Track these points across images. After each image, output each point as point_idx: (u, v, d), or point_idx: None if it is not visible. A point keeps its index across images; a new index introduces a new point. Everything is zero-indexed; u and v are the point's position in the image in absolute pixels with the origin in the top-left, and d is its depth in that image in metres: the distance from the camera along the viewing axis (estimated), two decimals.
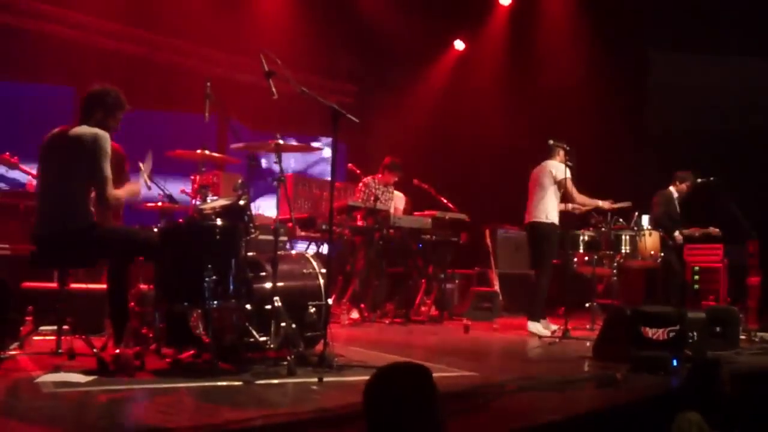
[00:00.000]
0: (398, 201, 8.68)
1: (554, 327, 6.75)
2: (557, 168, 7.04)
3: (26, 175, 6.10)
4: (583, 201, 7.15)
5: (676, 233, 7.82)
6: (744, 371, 4.74)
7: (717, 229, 8.10)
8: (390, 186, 8.32)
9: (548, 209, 7.03)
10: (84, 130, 4.32)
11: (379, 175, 8.28)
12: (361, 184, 8.17)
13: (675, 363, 4.54)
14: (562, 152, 7.11)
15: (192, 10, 9.24)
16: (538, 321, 6.89)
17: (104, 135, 4.30)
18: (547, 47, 10.82)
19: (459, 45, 11.76)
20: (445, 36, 11.59)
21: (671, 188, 8.11)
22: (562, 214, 7.14)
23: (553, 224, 7.05)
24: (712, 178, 7.89)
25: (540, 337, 6.58)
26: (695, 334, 5.07)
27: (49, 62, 8.86)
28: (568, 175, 6.94)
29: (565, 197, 7.04)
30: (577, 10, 10.59)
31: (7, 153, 5.90)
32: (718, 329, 5.64)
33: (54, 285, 4.96)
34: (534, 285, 7.18)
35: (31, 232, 4.40)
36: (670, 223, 7.85)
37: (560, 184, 7.00)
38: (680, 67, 10.59)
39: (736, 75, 10.18)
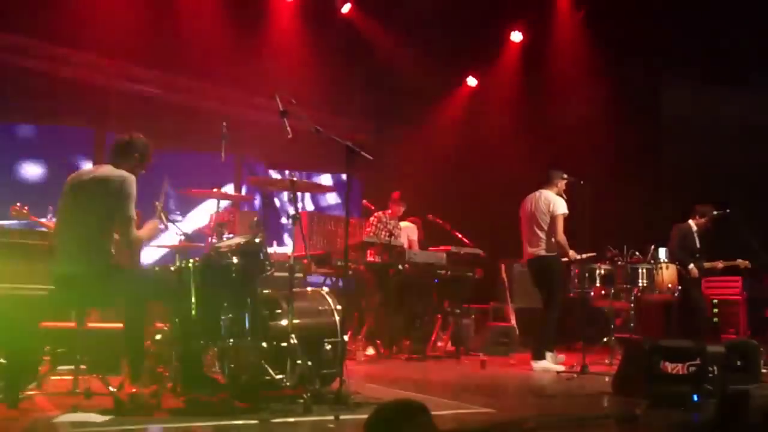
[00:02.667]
0: (410, 232, 8.68)
1: (561, 357, 6.67)
2: (555, 202, 6.95)
3: (39, 225, 6.12)
4: (563, 243, 6.93)
5: (691, 266, 7.76)
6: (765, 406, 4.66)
7: (746, 261, 8.03)
8: (396, 219, 8.34)
9: (550, 242, 6.93)
10: (112, 171, 4.41)
11: (389, 211, 8.29)
12: (373, 218, 8.19)
13: (696, 398, 4.47)
14: (561, 182, 7.08)
15: (208, 51, 9.41)
16: (543, 358, 6.78)
17: (131, 178, 4.40)
18: (559, 82, 10.88)
19: (471, 81, 11.86)
20: (457, 72, 11.69)
21: (690, 221, 8.07)
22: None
23: (557, 257, 6.96)
24: (728, 210, 7.86)
25: (558, 372, 6.51)
26: (715, 368, 5.01)
27: (68, 104, 9.01)
28: (566, 211, 6.90)
29: (551, 231, 6.90)
30: (589, 44, 10.66)
31: (18, 204, 5.95)
32: (738, 363, 5.56)
33: (71, 324, 4.99)
34: (546, 321, 6.99)
35: (51, 270, 4.45)
36: (685, 255, 7.80)
37: (552, 218, 6.90)
38: (695, 100, 10.61)
39: (756, 106, 10.18)
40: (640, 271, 7.00)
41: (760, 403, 3.86)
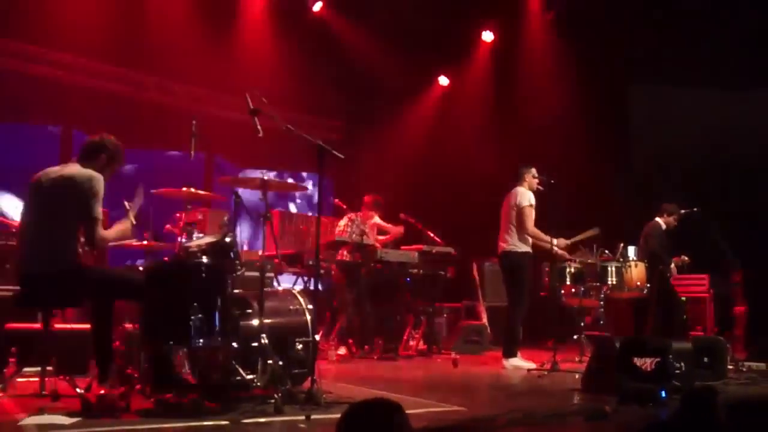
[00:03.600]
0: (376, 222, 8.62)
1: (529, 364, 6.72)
2: (522, 195, 7.04)
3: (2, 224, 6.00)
4: (536, 234, 6.97)
5: (672, 265, 7.88)
6: (732, 402, 4.73)
7: (686, 258, 8.15)
8: (367, 223, 8.30)
9: (521, 238, 7.01)
10: (79, 170, 4.36)
11: (360, 213, 8.26)
12: (346, 219, 8.18)
13: (663, 394, 4.53)
14: (530, 178, 7.15)
15: (178, 49, 9.30)
16: (514, 356, 6.83)
17: (98, 177, 4.36)
18: (530, 81, 10.95)
19: (443, 80, 11.89)
20: (429, 71, 11.72)
21: (659, 219, 8.16)
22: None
23: (526, 253, 7.03)
24: (695, 209, 7.97)
25: (528, 370, 6.56)
26: (682, 364, 5.07)
27: (35, 102, 8.87)
28: (532, 202, 6.97)
29: (519, 224, 6.97)
30: (559, 44, 10.75)
31: None
32: (705, 359, 5.65)
33: (38, 326, 4.91)
34: (509, 317, 7.03)
35: (16, 272, 4.38)
36: (665, 254, 7.89)
37: (518, 210, 6.97)
38: (661, 101, 10.74)
39: (721, 107, 10.34)
40: (609, 269, 7.07)
41: (724, 399, 3.91)
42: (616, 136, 10.58)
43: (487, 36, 11.35)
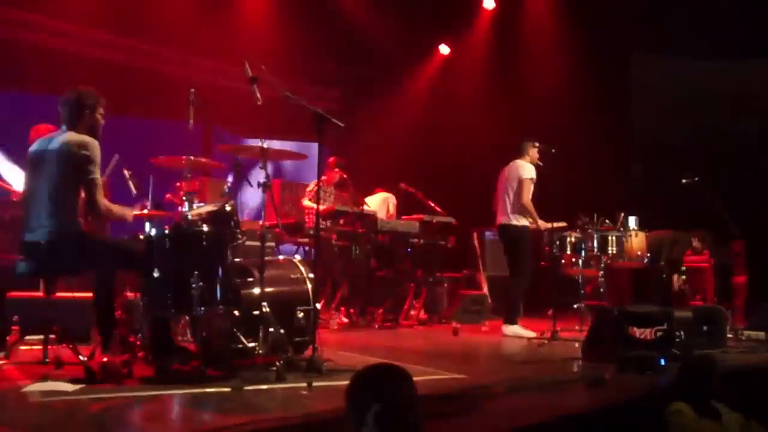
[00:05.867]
0: (390, 201, 8.60)
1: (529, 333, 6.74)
2: (524, 167, 7.05)
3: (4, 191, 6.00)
4: (529, 207, 6.98)
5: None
6: (731, 369, 4.77)
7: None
8: (332, 186, 8.23)
9: (520, 211, 7.02)
10: (73, 137, 4.34)
11: (324, 177, 8.12)
12: (312, 185, 8.04)
13: (663, 362, 4.56)
14: (533, 150, 7.13)
15: (175, 17, 9.20)
16: (515, 323, 6.87)
17: (94, 143, 4.34)
18: (531, 50, 10.87)
19: (444, 49, 11.79)
20: (429, 40, 11.61)
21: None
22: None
23: (525, 227, 7.05)
24: (696, 179, 7.94)
25: (528, 338, 6.59)
26: (682, 333, 5.10)
27: (31, 71, 8.79)
28: (533, 176, 6.96)
29: (517, 196, 6.98)
30: (561, 13, 10.64)
31: None
32: (705, 328, 5.67)
33: (40, 294, 4.92)
34: (511, 288, 7.10)
35: (19, 240, 4.38)
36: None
37: (519, 182, 6.98)
38: (664, 70, 10.67)
39: (722, 77, 10.28)
40: (609, 238, 7.06)
41: (721, 368, 3.95)
42: (617, 104, 10.53)
43: (489, 3, 11.21)
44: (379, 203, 8.48)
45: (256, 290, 4.46)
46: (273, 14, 10.22)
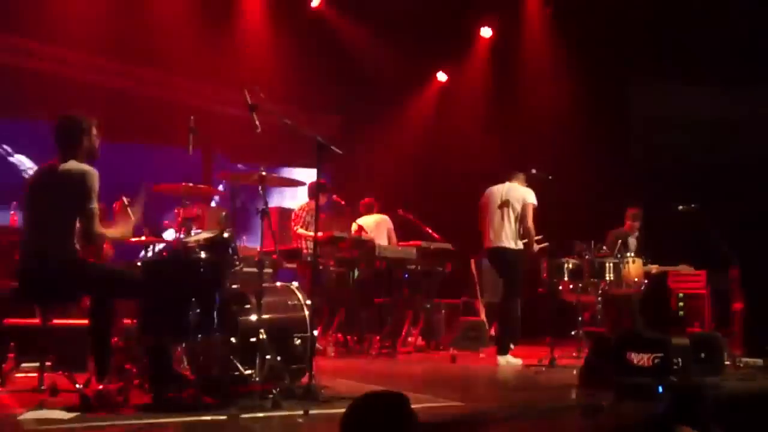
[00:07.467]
0: (388, 224, 8.57)
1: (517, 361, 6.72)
2: (527, 192, 7.11)
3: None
4: (531, 231, 7.05)
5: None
6: (728, 398, 4.75)
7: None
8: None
9: (517, 234, 7.04)
10: (73, 165, 4.34)
11: (307, 202, 8.10)
12: (299, 210, 8.04)
13: (660, 390, 4.54)
14: (523, 177, 7.21)
15: (176, 44, 9.29)
16: (507, 354, 6.82)
17: (93, 172, 4.33)
18: (529, 78, 10.95)
19: (441, 77, 11.88)
20: (427, 67, 11.71)
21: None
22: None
23: (521, 250, 7.06)
24: (693, 205, 7.96)
25: (529, 366, 6.56)
26: (680, 360, 5.08)
27: (30, 98, 8.83)
28: (535, 202, 7.03)
29: (521, 220, 7.01)
30: (558, 40, 10.73)
31: None
32: (702, 355, 5.65)
33: (36, 321, 4.91)
34: (502, 313, 7.08)
35: (16, 267, 4.38)
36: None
37: (523, 206, 7.02)
38: (663, 98, 10.74)
39: (716, 103, 10.34)
40: (607, 265, 7.08)
41: (719, 395, 3.93)
42: (616, 131, 10.57)
43: (486, 32, 11.33)
44: (372, 226, 8.45)
45: (254, 317, 4.46)
46: (273, 42, 10.31)
